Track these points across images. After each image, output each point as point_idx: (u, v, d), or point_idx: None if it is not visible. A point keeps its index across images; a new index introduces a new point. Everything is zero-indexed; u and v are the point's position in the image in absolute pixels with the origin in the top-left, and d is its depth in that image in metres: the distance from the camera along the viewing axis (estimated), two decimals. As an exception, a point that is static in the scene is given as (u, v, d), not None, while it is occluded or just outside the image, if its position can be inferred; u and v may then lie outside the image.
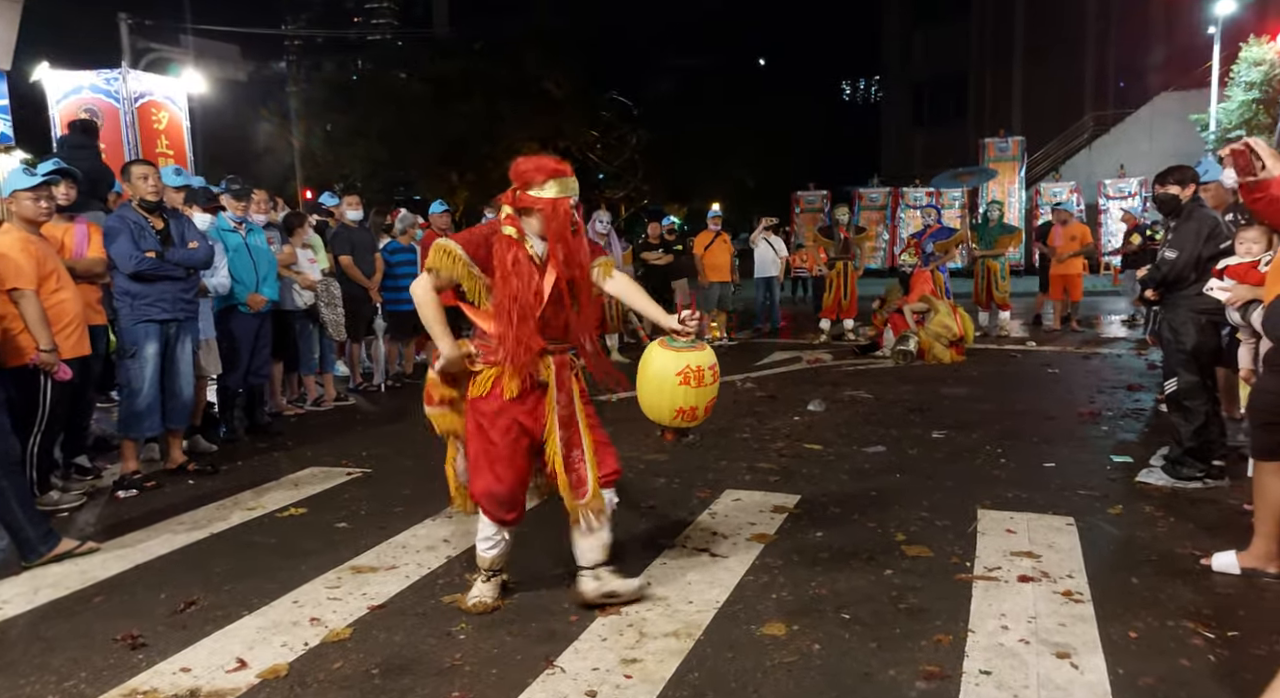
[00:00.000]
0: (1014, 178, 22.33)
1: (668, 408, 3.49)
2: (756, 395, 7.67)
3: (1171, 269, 4.64)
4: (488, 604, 3.36)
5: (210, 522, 4.50)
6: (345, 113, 29.96)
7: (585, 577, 3.40)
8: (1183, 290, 4.66)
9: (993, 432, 6.01)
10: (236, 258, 6.16)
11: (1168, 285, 4.73)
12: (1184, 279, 4.63)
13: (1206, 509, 4.30)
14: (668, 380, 3.41)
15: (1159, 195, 4.88)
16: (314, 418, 7.18)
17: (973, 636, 3.02)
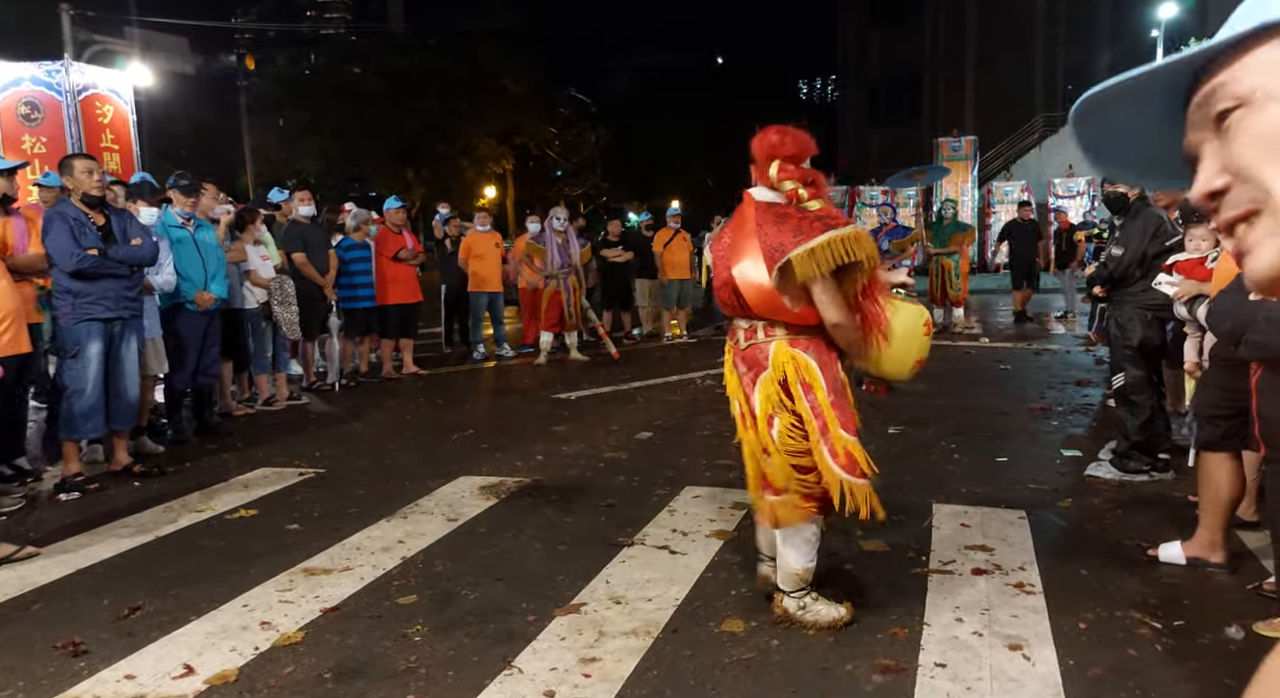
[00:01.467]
0: (967, 177, 22.69)
1: (914, 358, 3.14)
2: (717, 392, 7.68)
3: (1118, 266, 4.73)
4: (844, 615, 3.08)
5: (156, 525, 4.38)
6: (298, 108, 29.47)
7: None
8: (1129, 287, 4.76)
9: (947, 427, 6.09)
10: (184, 255, 6.01)
11: (1114, 282, 4.83)
12: (1130, 276, 4.73)
13: (1152, 502, 4.40)
14: (917, 330, 3.13)
15: (1108, 193, 4.99)
16: (266, 418, 7.03)
17: (928, 629, 3.05)
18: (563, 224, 9.57)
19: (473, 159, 31.54)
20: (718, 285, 3.13)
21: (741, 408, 3.14)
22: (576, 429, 6.32)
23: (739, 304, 3.04)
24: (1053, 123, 26.67)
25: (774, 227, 2.90)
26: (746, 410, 3.10)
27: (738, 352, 3.13)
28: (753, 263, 2.93)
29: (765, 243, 2.89)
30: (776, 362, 2.99)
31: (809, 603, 3.10)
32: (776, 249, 2.86)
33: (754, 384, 3.05)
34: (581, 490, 4.83)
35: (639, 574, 3.61)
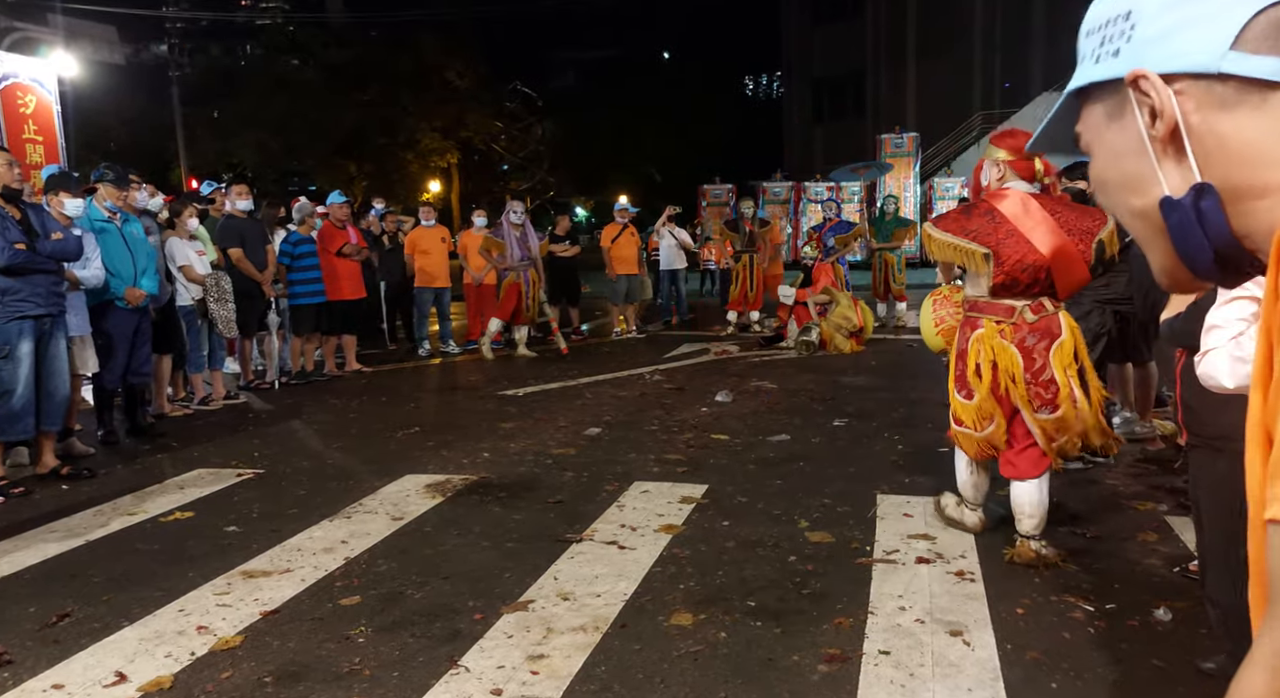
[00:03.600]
0: (909, 173, 23.10)
1: None
2: (665, 387, 7.70)
3: None
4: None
5: (86, 529, 4.23)
6: (233, 99, 28.72)
7: None
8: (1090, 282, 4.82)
9: (890, 420, 6.19)
10: (112, 249, 5.81)
11: None
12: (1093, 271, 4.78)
13: (1087, 489, 4.53)
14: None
15: (1069, 189, 5.02)
16: (202, 418, 6.85)
17: (873, 617, 3.09)
18: (520, 217, 9.51)
19: (417, 153, 31.09)
20: (1011, 267, 3.52)
21: (1013, 375, 3.55)
22: (524, 426, 6.28)
23: (1036, 282, 3.54)
24: (991, 121, 27.27)
25: (1071, 212, 3.58)
26: (1016, 373, 3.55)
27: (1024, 326, 3.56)
28: (1074, 243, 3.50)
29: (1072, 226, 3.52)
30: (1069, 327, 3.59)
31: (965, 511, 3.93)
32: (1087, 232, 3.51)
33: (1049, 350, 3.54)
34: (529, 488, 4.79)
35: (587, 570, 3.60)
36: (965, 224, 3.62)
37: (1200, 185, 0.65)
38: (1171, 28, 0.66)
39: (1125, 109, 0.69)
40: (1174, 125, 0.66)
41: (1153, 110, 0.66)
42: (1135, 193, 0.70)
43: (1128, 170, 0.70)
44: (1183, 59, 0.65)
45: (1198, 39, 0.65)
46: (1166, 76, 0.66)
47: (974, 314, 3.70)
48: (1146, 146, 0.68)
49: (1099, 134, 0.72)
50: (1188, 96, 0.65)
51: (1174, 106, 0.66)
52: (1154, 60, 0.66)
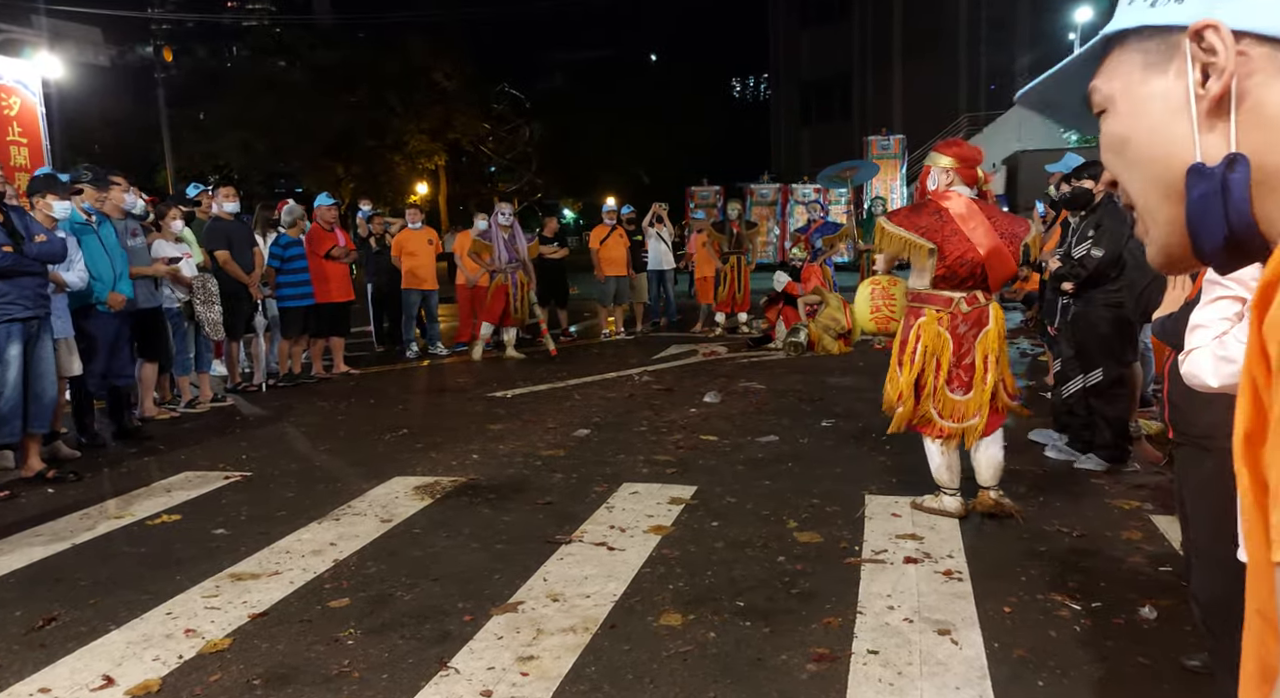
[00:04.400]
0: (896, 174, 23.21)
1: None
2: (654, 388, 7.71)
3: (1098, 267, 4.74)
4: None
5: (73, 532, 4.21)
6: (220, 101, 28.57)
7: None
8: (1102, 286, 4.81)
9: (878, 420, 6.18)
10: (92, 252, 5.78)
11: (1091, 282, 4.82)
12: (1105, 276, 4.78)
13: (1072, 488, 4.57)
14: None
15: (1075, 189, 4.99)
16: (188, 421, 6.81)
17: (861, 617, 3.11)
18: (508, 219, 9.49)
19: (404, 154, 31.01)
20: (953, 262, 3.96)
21: (938, 360, 4.05)
22: (513, 428, 6.27)
23: (971, 277, 4.00)
24: (976, 122, 27.45)
25: (1003, 218, 4.11)
26: (944, 356, 4.04)
27: (959, 316, 4.04)
28: (1007, 244, 4.01)
29: (1004, 230, 4.02)
30: (997, 317, 4.08)
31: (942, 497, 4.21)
32: (1015, 236, 4.04)
33: (977, 337, 4.05)
34: (518, 489, 4.79)
35: (577, 571, 3.60)
36: (915, 220, 4.02)
37: (1233, 155, 0.60)
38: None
39: (1173, 62, 0.63)
40: (1227, 87, 0.61)
41: (1205, 67, 0.61)
42: (1162, 156, 0.64)
43: (1159, 129, 0.64)
44: (1257, 17, 0.60)
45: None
46: (1235, 34, 0.60)
47: (917, 304, 4.15)
48: (1189, 106, 0.62)
49: (1130, 86, 0.66)
50: (1249, 58, 0.60)
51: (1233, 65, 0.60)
52: (1224, 13, 0.61)
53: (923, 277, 4.10)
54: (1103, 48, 0.69)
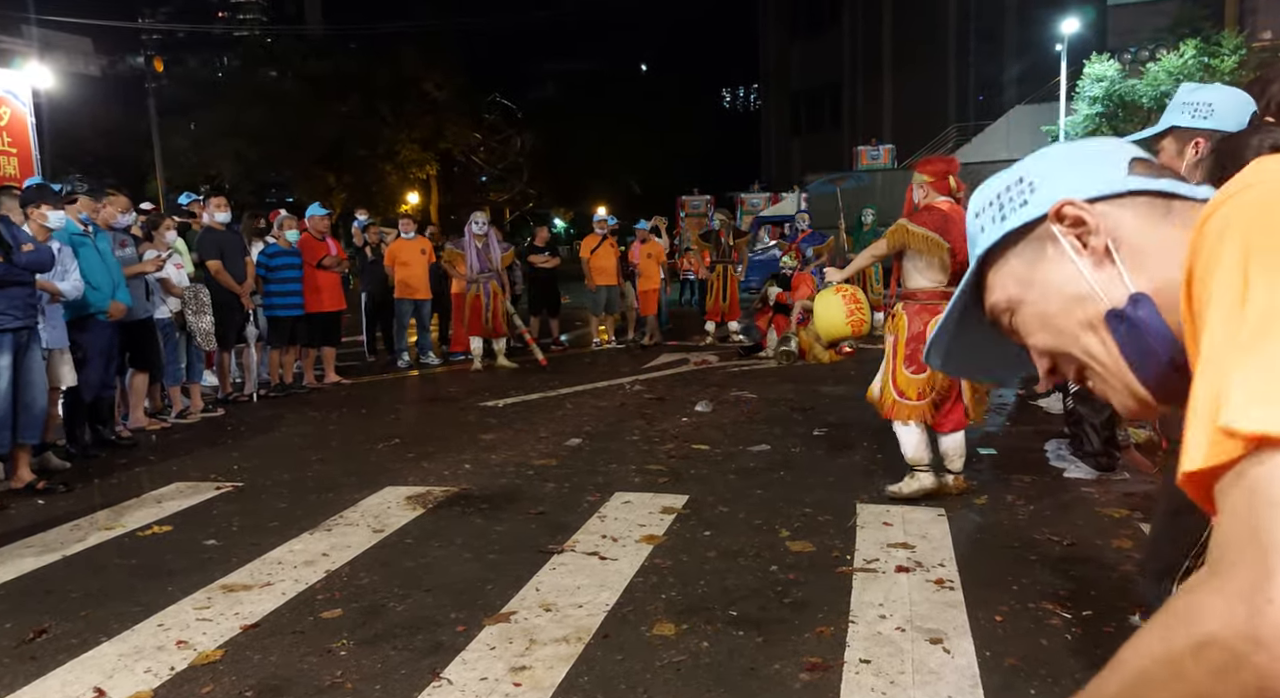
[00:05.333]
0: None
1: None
2: (645, 397, 7.72)
3: None
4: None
5: (63, 544, 4.19)
6: (211, 110, 28.55)
7: None
8: None
9: (870, 428, 6.23)
10: (91, 262, 5.78)
11: None
12: None
13: (1060, 496, 4.59)
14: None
15: None
16: (179, 431, 6.79)
17: (853, 626, 3.12)
18: (482, 228, 9.48)
19: (396, 164, 31.04)
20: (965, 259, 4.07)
21: None
22: (505, 437, 6.27)
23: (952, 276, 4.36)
24: (965, 132, 27.63)
25: None
26: None
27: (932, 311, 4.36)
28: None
29: None
30: None
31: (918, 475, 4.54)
32: None
33: None
34: (511, 499, 4.79)
35: (569, 581, 3.60)
36: (932, 221, 4.31)
37: (1135, 296, 0.70)
38: (1070, 171, 0.76)
39: (1045, 244, 0.75)
40: (1105, 245, 0.72)
41: (1080, 235, 0.73)
42: (1080, 316, 0.73)
43: (1067, 297, 0.74)
44: (1093, 186, 0.74)
45: (1099, 173, 0.75)
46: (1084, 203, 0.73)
47: (930, 302, 4.42)
48: (1080, 270, 0.73)
49: (1024, 279, 0.77)
50: (1106, 216, 0.73)
51: (1103, 220, 0.72)
52: (1066, 193, 0.74)
53: (929, 274, 4.39)
54: (975, 281, 0.82)
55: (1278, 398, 0.49)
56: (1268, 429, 0.48)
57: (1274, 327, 0.51)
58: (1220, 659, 0.49)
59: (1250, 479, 0.49)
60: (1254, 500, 0.49)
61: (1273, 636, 0.46)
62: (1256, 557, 0.48)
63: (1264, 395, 0.49)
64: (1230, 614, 0.48)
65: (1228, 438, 0.50)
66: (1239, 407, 0.50)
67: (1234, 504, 0.51)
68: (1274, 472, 0.48)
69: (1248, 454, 0.50)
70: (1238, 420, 0.50)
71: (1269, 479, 0.49)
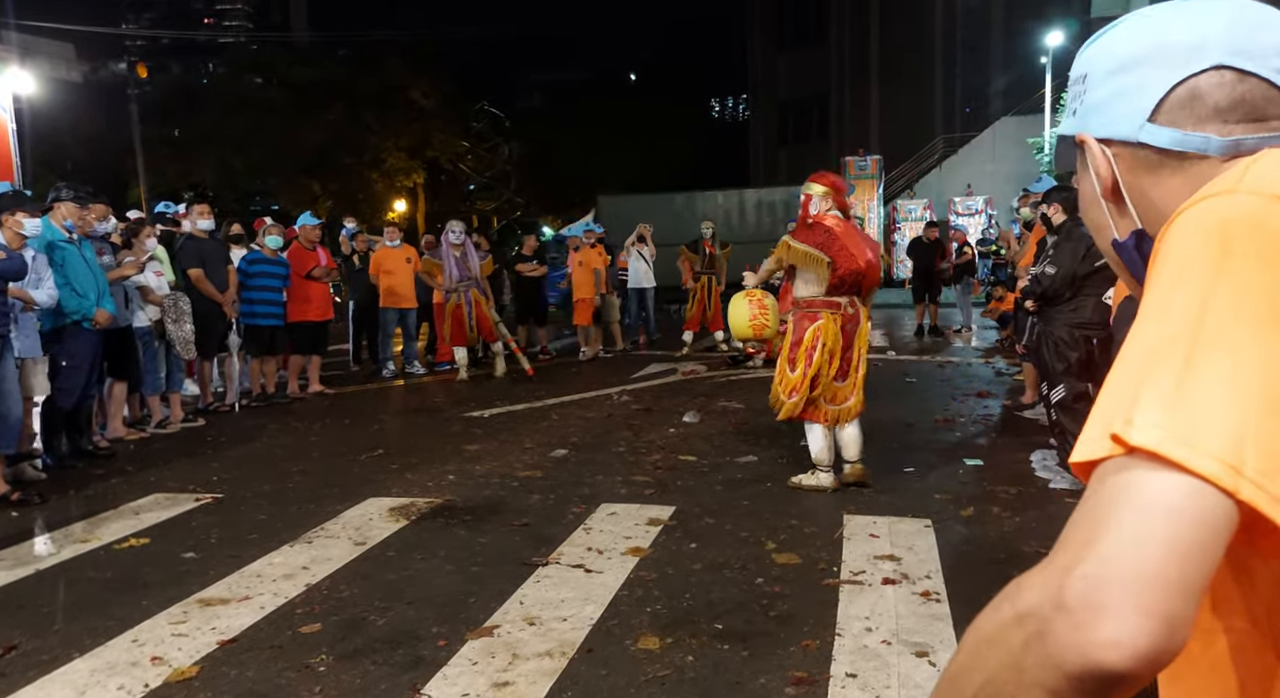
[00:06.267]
0: (873, 194, 23.41)
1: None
2: (632, 408, 7.69)
3: (1051, 284, 4.98)
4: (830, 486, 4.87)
5: (37, 557, 4.11)
6: (195, 118, 28.40)
7: None
8: (1058, 305, 5.00)
9: (856, 439, 6.22)
10: (76, 269, 5.71)
11: (1046, 299, 5.06)
12: (1060, 295, 4.97)
13: (1046, 508, 4.58)
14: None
15: (1044, 214, 5.31)
16: (159, 441, 6.70)
17: (839, 639, 3.09)
18: (459, 237, 9.42)
19: (382, 172, 30.96)
20: (844, 273, 4.68)
21: (833, 353, 4.78)
22: (490, 448, 6.22)
23: (853, 285, 4.75)
24: (952, 144, 27.80)
25: (865, 237, 4.95)
26: (838, 351, 4.80)
27: (846, 316, 4.80)
28: (875, 258, 4.80)
29: (872, 247, 4.89)
30: (865, 317, 4.91)
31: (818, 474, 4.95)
32: (875, 251, 4.90)
33: (854, 334, 4.85)
34: (495, 510, 4.75)
35: (554, 594, 3.56)
36: (814, 238, 4.74)
37: (1139, 231, 0.76)
38: (1108, 97, 0.76)
39: (1084, 162, 0.79)
40: (1113, 182, 0.76)
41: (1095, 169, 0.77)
42: (1100, 232, 0.81)
43: (1092, 213, 0.81)
44: (1113, 127, 0.75)
45: (1124, 110, 0.74)
46: (1104, 140, 0.76)
47: (812, 310, 4.82)
48: (1097, 196, 0.78)
49: (1079, 178, 0.82)
50: (1120, 159, 0.75)
51: (1113, 166, 0.76)
52: (1094, 126, 0.77)
53: (812, 286, 4.82)
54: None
55: (1168, 417, 0.53)
56: (1147, 443, 0.53)
57: (1188, 345, 0.55)
58: (1032, 628, 0.53)
59: (1111, 479, 0.54)
60: (1103, 495, 0.54)
61: (1075, 602, 0.51)
62: (1082, 540, 0.53)
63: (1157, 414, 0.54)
64: (1045, 586, 0.53)
65: (1114, 442, 0.55)
66: (1136, 423, 0.54)
67: (1091, 494, 0.55)
68: (1133, 478, 0.53)
69: (1121, 455, 0.55)
70: (1131, 435, 0.54)
71: (1124, 483, 0.53)
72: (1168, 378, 0.55)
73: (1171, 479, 0.52)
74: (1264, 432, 0.52)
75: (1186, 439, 0.52)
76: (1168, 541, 0.51)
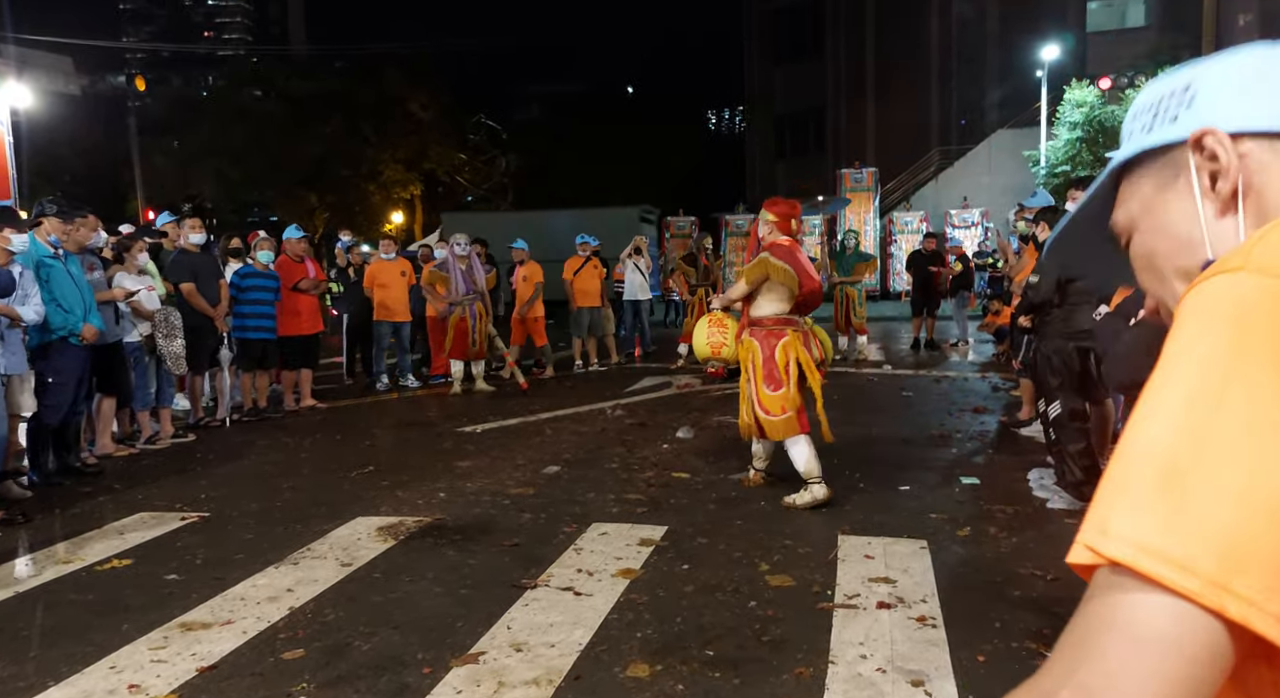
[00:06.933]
0: (869, 207, 23.43)
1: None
2: (626, 423, 7.63)
3: (1036, 293, 5.01)
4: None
5: (17, 579, 4.04)
6: (193, 130, 28.42)
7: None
8: (1049, 316, 4.99)
9: (852, 457, 6.16)
10: (63, 286, 5.66)
11: (1037, 309, 5.09)
12: (1050, 301, 4.96)
13: (1044, 528, 4.52)
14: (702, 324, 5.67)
15: (1033, 234, 5.37)
16: (148, 458, 6.63)
17: (833, 667, 3.02)
18: (465, 249, 9.39)
19: (379, 184, 30.97)
20: (806, 292, 4.99)
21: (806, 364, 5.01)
22: (481, 464, 6.16)
23: (811, 303, 5.07)
24: (948, 156, 27.84)
25: (807, 259, 5.14)
26: (811, 365, 5.03)
27: (804, 333, 5.07)
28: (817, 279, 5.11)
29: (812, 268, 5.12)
30: (813, 331, 5.19)
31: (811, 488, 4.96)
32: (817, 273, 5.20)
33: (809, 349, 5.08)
34: (485, 530, 4.68)
35: (542, 618, 3.50)
36: (786, 258, 4.95)
37: None
38: (1236, 92, 0.67)
39: (1179, 175, 0.69)
40: (1235, 186, 0.65)
41: (1212, 173, 0.66)
42: (1182, 262, 0.69)
43: (1178, 236, 0.69)
44: (1249, 119, 0.65)
45: (1262, 100, 0.65)
46: (1232, 136, 0.66)
47: (776, 328, 5.00)
48: (1198, 210, 0.67)
49: (1149, 205, 0.72)
50: (1251, 157, 0.65)
51: (1238, 163, 0.65)
52: (1219, 120, 0.66)
53: (775, 305, 4.99)
54: (1112, 183, 0.76)
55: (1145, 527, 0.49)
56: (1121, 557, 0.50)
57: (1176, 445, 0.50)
58: None
59: (1100, 594, 0.51)
60: (1090, 612, 0.52)
61: None
62: (1067, 666, 0.51)
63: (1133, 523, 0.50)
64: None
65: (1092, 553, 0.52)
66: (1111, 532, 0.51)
67: (1083, 607, 0.53)
68: (1117, 596, 0.50)
69: (1107, 566, 0.51)
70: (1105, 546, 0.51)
71: (1110, 602, 0.50)
72: (1150, 482, 0.50)
73: (1154, 599, 0.48)
74: (1261, 545, 0.47)
75: (1163, 552, 0.47)
76: (1152, 674, 0.47)
